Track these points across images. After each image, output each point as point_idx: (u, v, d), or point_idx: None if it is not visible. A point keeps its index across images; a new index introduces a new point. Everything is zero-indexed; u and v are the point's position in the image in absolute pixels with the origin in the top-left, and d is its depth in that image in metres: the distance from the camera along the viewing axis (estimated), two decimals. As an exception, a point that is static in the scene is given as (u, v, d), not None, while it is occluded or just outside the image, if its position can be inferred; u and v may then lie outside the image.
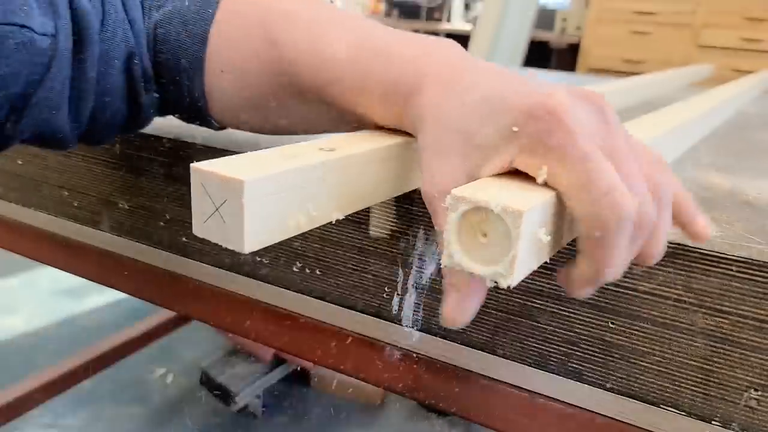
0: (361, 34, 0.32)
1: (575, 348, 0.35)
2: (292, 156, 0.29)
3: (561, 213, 0.27)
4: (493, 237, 0.24)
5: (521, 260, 0.24)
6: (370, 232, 0.40)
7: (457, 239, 0.25)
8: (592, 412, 0.36)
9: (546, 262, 0.27)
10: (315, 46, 0.33)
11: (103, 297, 1.93)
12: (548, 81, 0.27)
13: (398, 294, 0.40)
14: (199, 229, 0.27)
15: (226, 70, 0.35)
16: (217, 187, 0.26)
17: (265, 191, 0.26)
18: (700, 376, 0.32)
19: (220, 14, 0.35)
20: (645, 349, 0.33)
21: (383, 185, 0.34)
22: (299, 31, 0.33)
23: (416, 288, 0.39)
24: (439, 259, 0.27)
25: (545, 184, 0.26)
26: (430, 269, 0.39)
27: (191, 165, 0.27)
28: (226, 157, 0.28)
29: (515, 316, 0.37)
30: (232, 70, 0.35)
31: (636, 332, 0.33)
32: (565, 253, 0.34)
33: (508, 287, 0.24)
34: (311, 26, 0.33)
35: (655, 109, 0.56)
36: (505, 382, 0.39)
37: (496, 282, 0.25)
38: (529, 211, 0.24)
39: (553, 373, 0.37)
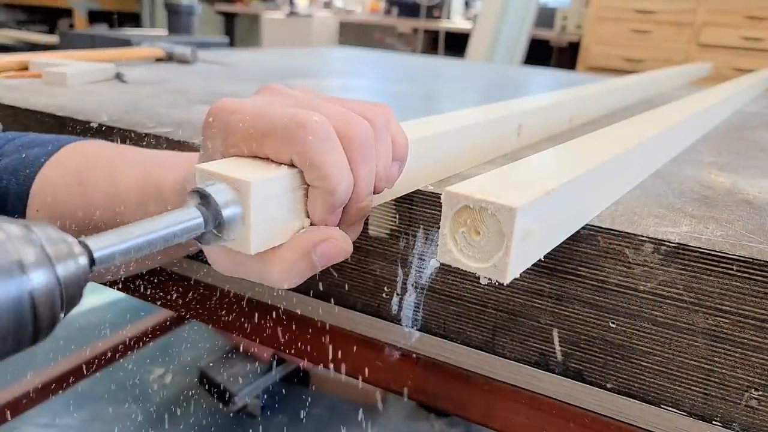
0: (144, 169, 0.37)
1: (575, 348, 0.35)
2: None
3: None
4: (487, 233, 0.24)
5: (515, 257, 0.24)
6: (370, 231, 0.40)
7: (451, 236, 0.25)
8: (592, 412, 0.36)
9: (542, 260, 0.27)
10: (110, 184, 0.37)
11: (101, 296, 1.93)
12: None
13: (398, 294, 0.40)
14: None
15: (41, 210, 0.38)
16: None
17: (271, 192, 0.26)
18: (700, 375, 0.32)
19: (47, 165, 0.39)
20: (645, 349, 0.33)
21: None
22: (100, 170, 0.38)
23: (416, 288, 0.39)
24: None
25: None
26: (429, 269, 0.38)
27: (195, 165, 0.26)
28: (231, 158, 0.28)
29: (515, 316, 0.36)
30: (46, 208, 0.38)
31: (636, 332, 0.33)
32: (562, 253, 0.33)
33: (503, 284, 0.24)
34: (110, 164, 0.38)
35: (655, 107, 0.56)
36: (505, 382, 0.39)
37: (490, 279, 0.25)
38: (522, 207, 0.23)
39: (553, 373, 0.36)
